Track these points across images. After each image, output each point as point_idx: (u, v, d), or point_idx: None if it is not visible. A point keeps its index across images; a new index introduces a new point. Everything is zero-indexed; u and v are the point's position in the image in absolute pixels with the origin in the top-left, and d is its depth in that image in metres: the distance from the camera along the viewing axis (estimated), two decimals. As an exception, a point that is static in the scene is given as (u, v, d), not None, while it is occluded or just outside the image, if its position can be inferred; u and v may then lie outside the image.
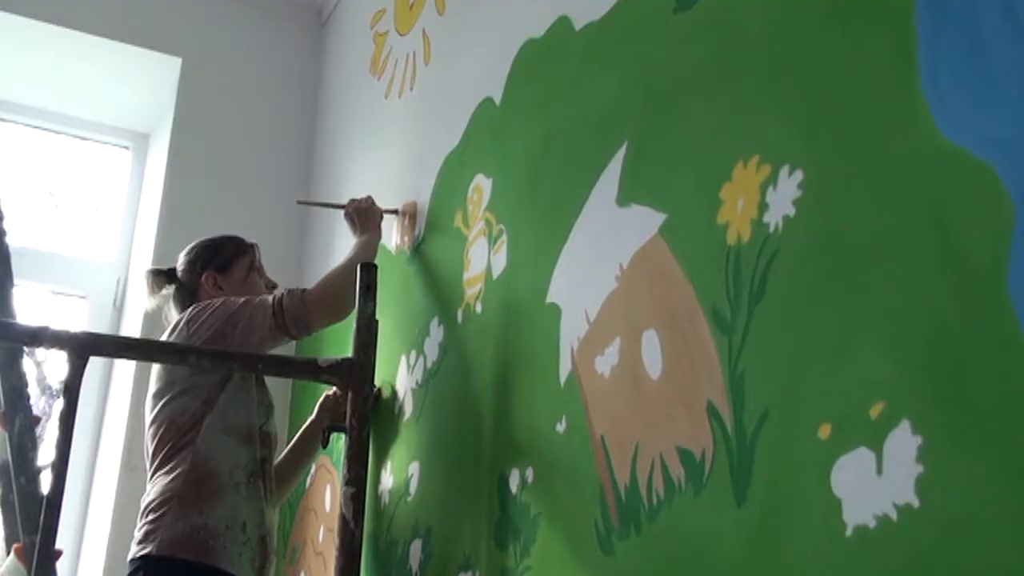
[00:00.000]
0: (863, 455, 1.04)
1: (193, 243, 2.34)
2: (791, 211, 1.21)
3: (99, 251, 3.31)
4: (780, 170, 1.24)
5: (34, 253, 3.16)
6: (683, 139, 1.44)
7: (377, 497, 2.20)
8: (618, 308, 1.51)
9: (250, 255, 2.32)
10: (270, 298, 2.11)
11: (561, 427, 1.59)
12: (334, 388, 2.29)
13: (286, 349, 2.92)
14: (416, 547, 1.99)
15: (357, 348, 1.92)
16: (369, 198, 2.38)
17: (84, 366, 1.76)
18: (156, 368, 2.17)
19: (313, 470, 2.61)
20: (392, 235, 2.42)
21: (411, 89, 2.50)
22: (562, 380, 1.62)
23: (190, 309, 2.16)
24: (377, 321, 1.98)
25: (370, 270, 1.98)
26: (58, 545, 2.78)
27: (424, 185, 2.30)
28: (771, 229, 1.23)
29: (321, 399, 2.33)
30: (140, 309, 2.81)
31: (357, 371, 1.89)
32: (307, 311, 2.07)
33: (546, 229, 1.75)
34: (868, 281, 1.09)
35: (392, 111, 2.60)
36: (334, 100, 3.11)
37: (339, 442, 2.47)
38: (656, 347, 1.40)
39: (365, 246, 2.26)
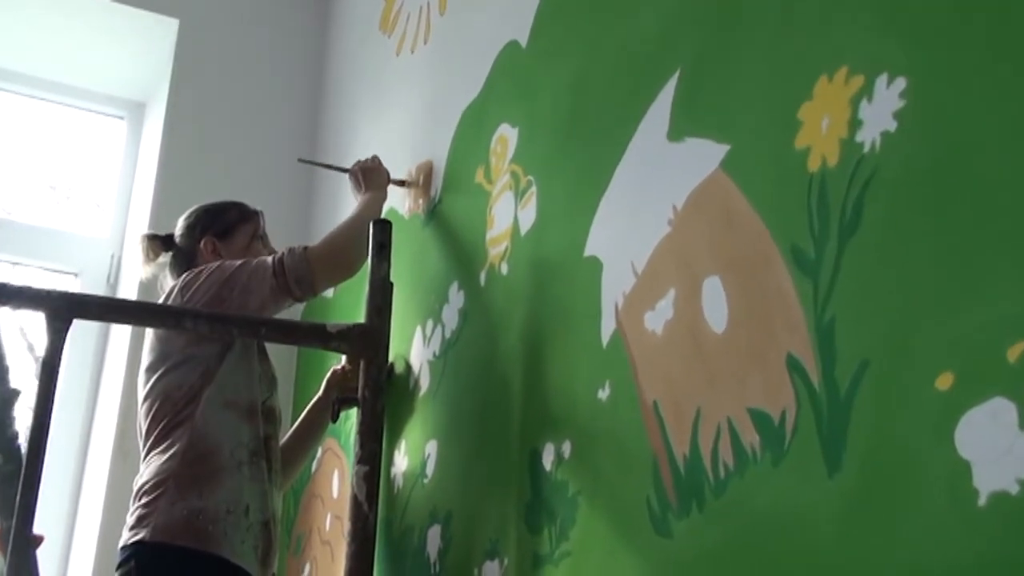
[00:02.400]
0: (999, 407, 0.85)
1: (193, 207, 2.17)
2: (891, 125, 1.02)
3: (92, 226, 3.13)
4: (876, 80, 1.05)
5: (22, 227, 2.98)
6: (749, 59, 1.25)
7: (390, 481, 2.01)
8: (672, 256, 1.32)
9: (254, 222, 2.14)
10: (270, 258, 1.94)
11: (604, 394, 1.40)
12: (343, 361, 2.11)
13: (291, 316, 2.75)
14: (434, 533, 1.80)
15: (370, 313, 1.73)
16: (375, 158, 2.20)
17: (66, 330, 1.58)
18: (149, 339, 1.99)
19: (320, 454, 2.42)
20: (405, 199, 2.24)
21: (424, 43, 2.31)
22: (604, 341, 1.43)
23: (184, 275, 1.98)
24: (392, 284, 1.79)
25: (384, 227, 1.79)
26: (48, 533, 2.65)
27: (440, 143, 2.12)
28: (866, 148, 1.04)
29: (328, 374, 2.15)
30: (135, 286, 2.64)
31: (370, 337, 1.70)
32: (311, 268, 1.90)
33: (583, 176, 1.56)
34: (995, 199, 0.90)
35: (404, 69, 2.41)
36: (341, 61, 2.92)
37: (348, 422, 2.29)
38: (720, 297, 1.21)
39: (370, 203, 2.09)
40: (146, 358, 1.98)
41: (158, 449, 1.88)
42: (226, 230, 2.09)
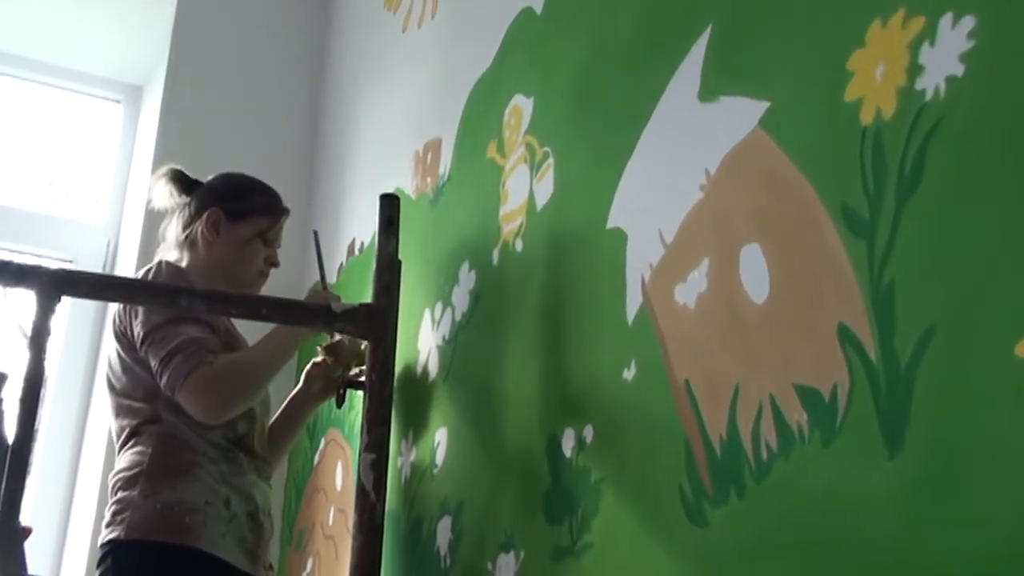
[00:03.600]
0: (1093, 374, 0.76)
1: (227, 172, 2.04)
2: (958, 69, 0.92)
3: (87, 212, 3.03)
4: (939, 20, 0.95)
5: (15, 213, 2.88)
6: (791, 10, 1.16)
7: (397, 471, 1.91)
8: (705, 223, 1.22)
9: (271, 219, 1.98)
10: (178, 342, 1.71)
11: (629, 374, 1.31)
12: (322, 356, 1.99)
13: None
14: (444, 525, 1.70)
15: (377, 292, 1.64)
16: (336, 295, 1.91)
17: (54, 308, 1.48)
18: (116, 327, 1.85)
19: (322, 445, 2.33)
20: (411, 178, 2.14)
21: (432, 17, 2.21)
22: (630, 318, 1.33)
23: (127, 312, 1.81)
24: (400, 261, 1.69)
25: (392, 202, 1.70)
26: (42, 526, 2.57)
27: (449, 119, 2.02)
28: (928, 96, 0.95)
29: (308, 366, 2.03)
30: (131, 274, 2.55)
31: (378, 318, 1.60)
32: (183, 394, 1.68)
33: (605, 144, 1.46)
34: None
35: (410, 45, 2.31)
36: (344, 41, 2.82)
37: (352, 412, 2.19)
38: (760, 264, 1.12)
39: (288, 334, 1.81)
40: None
41: (127, 445, 1.79)
42: (239, 212, 1.95)
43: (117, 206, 2.98)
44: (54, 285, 1.48)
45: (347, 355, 1.95)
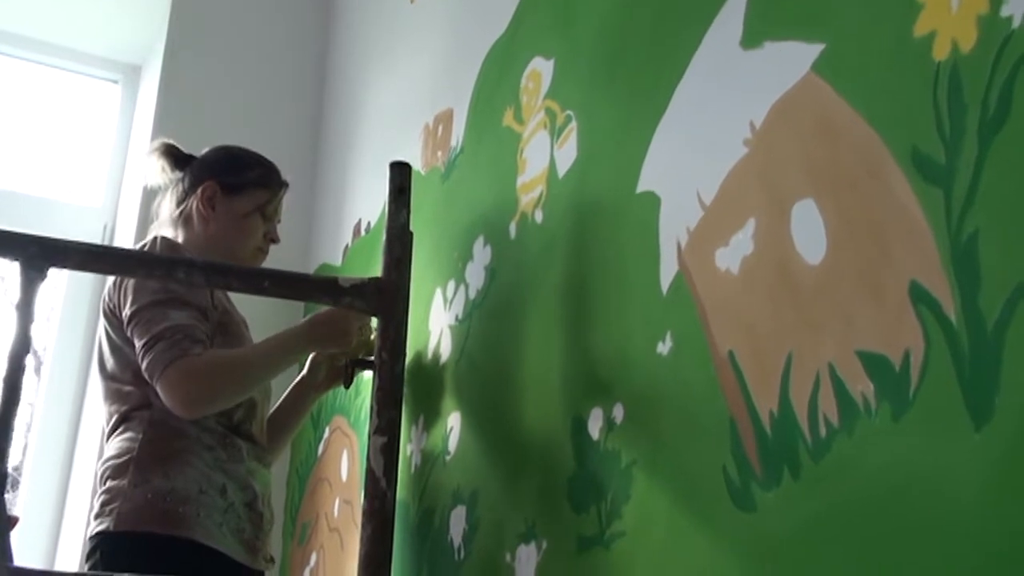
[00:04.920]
0: None
1: (222, 144, 1.94)
2: (1051, -9, 0.82)
3: (84, 194, 2.93)
4: (1028, -62, 0.84)
5: (10, 195, 2.78)
6: (846, -58, 1.05)
7: (407, 460, 1.80)
8: (750, 180, 1.12)
9: (270, 193, 1.88)
10: (162, 327, 1.60)
11: (664, 347, 1.20)
12: None
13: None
14: (458, 515, 1.60)
15: (388, 265, 1.53)
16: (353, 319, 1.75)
17: (40, 279, 1.38)
18: (105, 305, 1.75)
19: (327, 434, 2.22)
20: (421, 152, 2.03)
21: (443, -16, 2.11)
22: (664, 287, 1.22)
23: (119, 285, 1.71)
24: (411, 233, 1.59)
25: (403, 170, 1.59)
26: (36, 517, 2.47)
27: (461, 87, 1.91)
28: (1015, 23, 0.84)
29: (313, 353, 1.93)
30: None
31: (388, 293, 1.50)
32: (161, 384, 1.57)
33: (633, 102, 1.36)
34: None
35: (420, 13, 2.21)
36: (349, 13, 2.71)
37: (358, 398, 2.09)
38: (816, 221, 1.01)
39: (298, 333, 1.71)
40: (102, 327, 1.77)
41: (117, 431, 1.68)
42: (236, 186, 1.85)
43: (114, 188, 2.89)
44: (41, 255, 1.38)
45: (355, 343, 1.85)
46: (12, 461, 1.28)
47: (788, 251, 1.04)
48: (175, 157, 1.90)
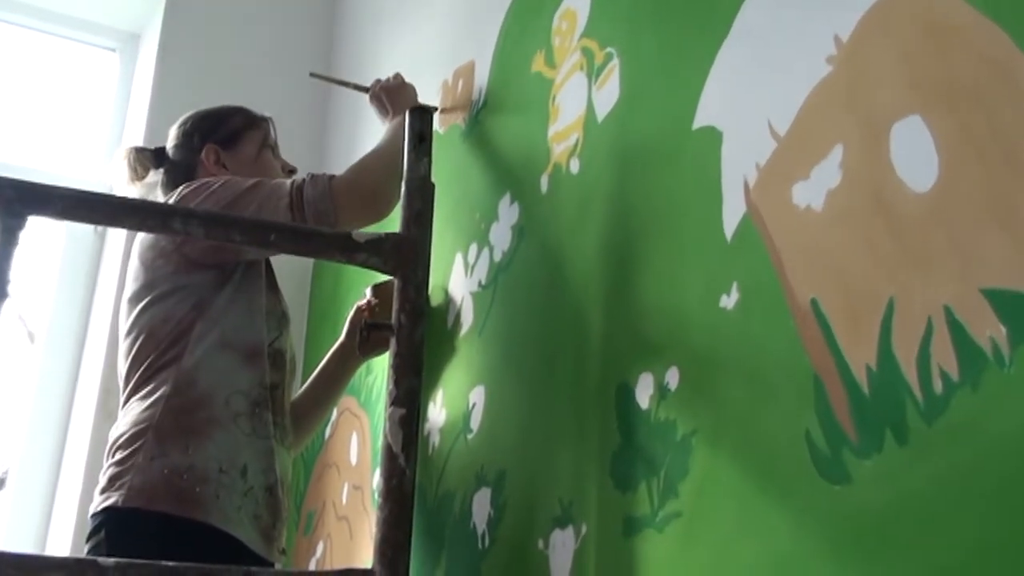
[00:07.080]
0: None
1: (188, 113, 1.82)
2: None
3: (79, 167, 2.79)
4: None
5: (5, 167, 2.63)
6: None
7: (424, 440, 1.65)
8: (837, 102, 0.96)
9: (263, 129, 1.80)
10: (288, 183, 1.58)
11: (729, 301, 1.05)
12: (368, 295, 1.75)
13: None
14: (482, 499, 1.44)
15: (407, 220, 1.38)
16: (398, 75, 1.85)
17: (20, 228, 1.23)
18: (134, 265, 1.65)
19: (334, 416, 2.07)
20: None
21: (462, -69, 1.96)
22: (728, 233, 1.07)
23: (180, 188, 1.63)
24: (433, 185, 1.43)
25: (423, 116, 1.44)
26: (29, 495, 2.33)
27: (484, 39, 1.76)
28: None
29: (352, 312, 1.79)
30: (124, 232, 2.30)
31: (407, 249, 1.34)
32: (335, 204, 1.53)
33: (687, 30, 1.20)
34: None
35: (437, -34, 2.05)
36: (360, -26, 2.57)
37: (369, 376, 1.93)
38: (924, 141, 0.86)
39: (399, 129, 1.70)
40: (129, 286, 1.64)
41: (138, 395, 1.53)
42: (231, 137, 1.75)
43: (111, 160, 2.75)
44: (18, 200, 1.23)
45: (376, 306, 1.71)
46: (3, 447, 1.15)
47: (887, 178, 0.88)
48: (149, 153, 1.81)
